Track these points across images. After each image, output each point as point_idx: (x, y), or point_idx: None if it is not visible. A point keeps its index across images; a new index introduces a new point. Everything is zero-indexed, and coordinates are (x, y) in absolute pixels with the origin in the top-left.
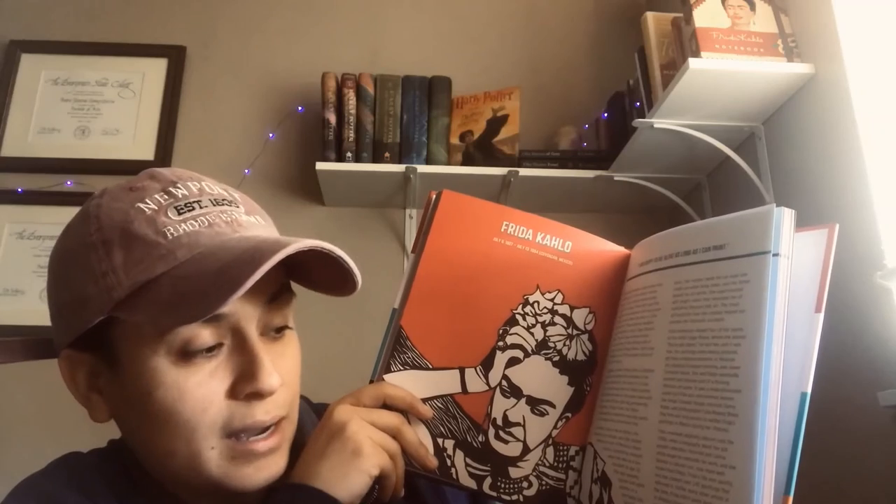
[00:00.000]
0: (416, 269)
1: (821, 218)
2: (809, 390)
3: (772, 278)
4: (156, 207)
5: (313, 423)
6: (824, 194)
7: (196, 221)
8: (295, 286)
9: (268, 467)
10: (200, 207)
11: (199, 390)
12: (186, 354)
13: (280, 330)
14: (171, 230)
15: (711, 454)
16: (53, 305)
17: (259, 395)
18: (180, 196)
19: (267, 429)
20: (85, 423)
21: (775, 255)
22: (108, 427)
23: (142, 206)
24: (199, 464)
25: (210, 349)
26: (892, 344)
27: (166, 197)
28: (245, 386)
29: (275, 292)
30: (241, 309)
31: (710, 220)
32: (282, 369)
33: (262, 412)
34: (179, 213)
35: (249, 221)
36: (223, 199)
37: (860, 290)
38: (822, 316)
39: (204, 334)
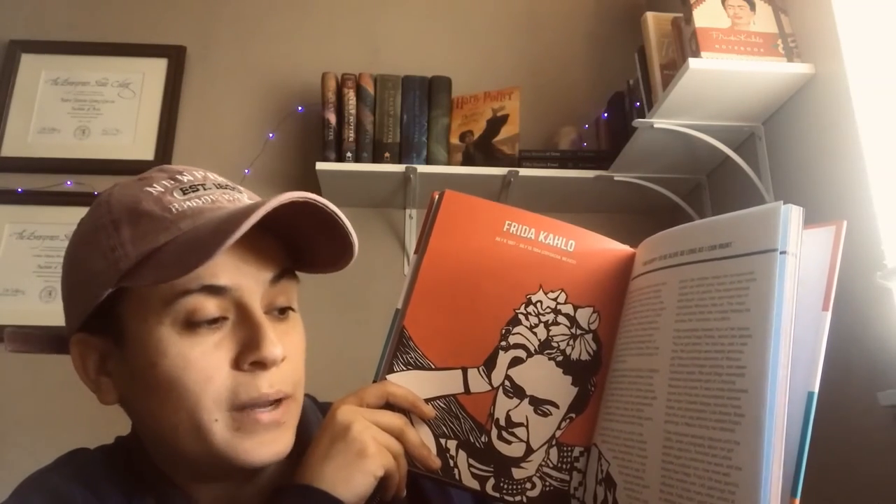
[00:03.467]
0: (419, 269)
1: (821, 218)
2: (817, 390)
3: (779, 277)
4: (162, 190)
5: (318, 422)
6: (824, 194)
7: (200, 200)
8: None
9: (272, 442)
10: (205, 189)
11: (203, 360)
12: (191, 325)
13: (284, 311)
14: (176, 206)
15: (717, 455)
16: (66, 291)
17: (262, 365)
18: (185, 181)
19: (271, 403)
20: (84, 422)
21: (783, 252)
22: (108, 426)
23: (149, 189)
24: (203, 436)
25: (214, 321)
26: (892, 344)
27: (172, 182)
28: (248, 355)
29: (278, 273)
30: (245, 284)
31: (715, 217)
32: (286, 346)
33: (266, 385)
34: (184, 194)
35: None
36: (227, 185)
37: (860, 290)
38: (829, 314)
39: (208, 305)
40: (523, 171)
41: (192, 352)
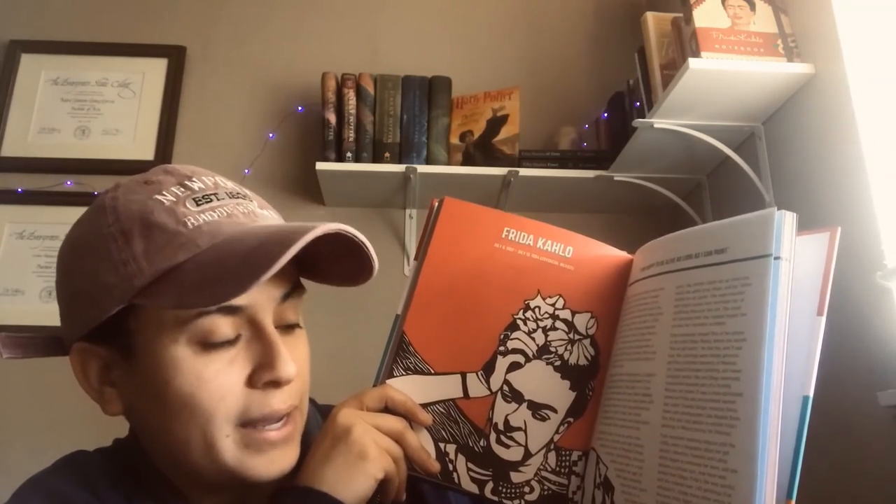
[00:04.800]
0: (419, 275)
1: (821, 218)
2: (811, 394)
3: (773, 282)
4: (174, 199)
5: (319, 425)
6: (824, 194)
7: (215, 212)
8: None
9: (281, 459)
10: (217, 199)
11: (217, 379)
12: (206, 345)
13: (292, 325)
14: (192, 220)
15: (713, 458)
16: (65, 298)
17: (277, 384)
18: (196, 189)
19: (281, 418)
20: (85, 422)
21: (776, 258)
22: (109, 426)
23: (159, 197)
24: (214, 452)
25: (228, 340)
26: (892, 344)
27: (183, 189)
28: (263, 374)
29: (289, 290)
30: (259, 301)
31: (711, 223)
32: (295, 360)
33: (279, 401)
34: (198, 205)
35: (264, 215)
36: (238, 193)
37: (860, 291)
38: (823, 319)
39: (223, 325)
40: (523, 171)
41: (207, 370)
